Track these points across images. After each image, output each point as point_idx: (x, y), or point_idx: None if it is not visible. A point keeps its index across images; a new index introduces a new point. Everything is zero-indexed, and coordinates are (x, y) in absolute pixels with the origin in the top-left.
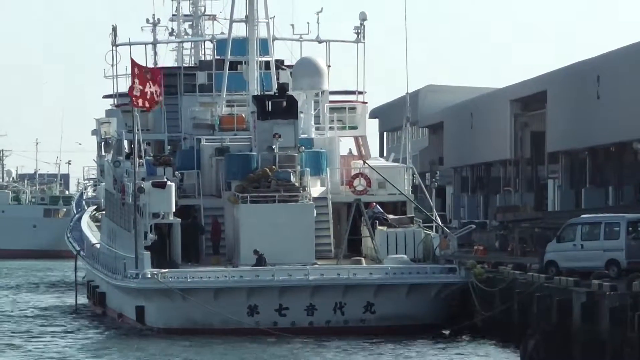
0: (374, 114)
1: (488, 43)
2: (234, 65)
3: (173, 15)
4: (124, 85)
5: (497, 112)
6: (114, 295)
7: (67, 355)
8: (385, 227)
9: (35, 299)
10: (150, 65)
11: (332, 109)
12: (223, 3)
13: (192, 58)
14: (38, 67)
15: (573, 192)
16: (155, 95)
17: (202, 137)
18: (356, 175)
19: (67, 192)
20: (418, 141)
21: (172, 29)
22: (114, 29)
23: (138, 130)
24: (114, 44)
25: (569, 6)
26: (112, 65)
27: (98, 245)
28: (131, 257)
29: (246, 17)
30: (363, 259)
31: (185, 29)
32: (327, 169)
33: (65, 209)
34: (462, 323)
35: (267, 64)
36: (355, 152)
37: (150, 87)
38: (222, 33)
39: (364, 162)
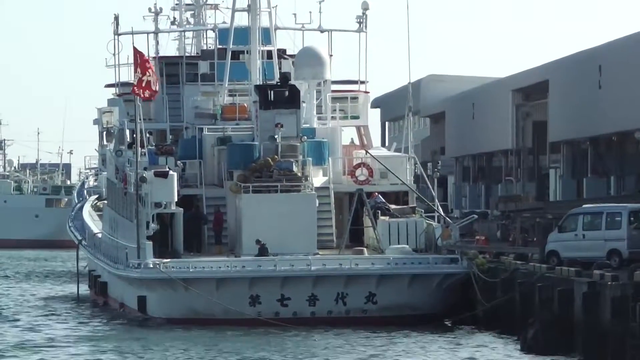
0: (376, 104)
1: (490, 32)
2: (236, 55)
3: (175, 4)
4: (125, 75)
5: (499, 102)
6: (116, 285)
7: (68, 344)
8: (387, 217)
9: (37, 288)
10: (152, 54)
11: (334, 99)
12: None
13: (194, 47)
14: (40, 56)
15: (575, 182)
16: (152, 85)
17: (204, 126)
18: (358, 165)
19: (69, 182)
20: (420, 131)
21: (174, 18)
22: (116, 18)
23: (140, 119)
24: (116, 33)
25: None
26: (114, 54)
27: (100, 235)
28: (133, 247)
29: (248, 6)
30: (365, 249)
31: (187, 18)
32: (329, 158)
33: (67, 199)
34: (464, 313)
35: (270, 53)
36: (357, 142)
37: (149, 75)
38: (224, 22)
39: (366, 151)
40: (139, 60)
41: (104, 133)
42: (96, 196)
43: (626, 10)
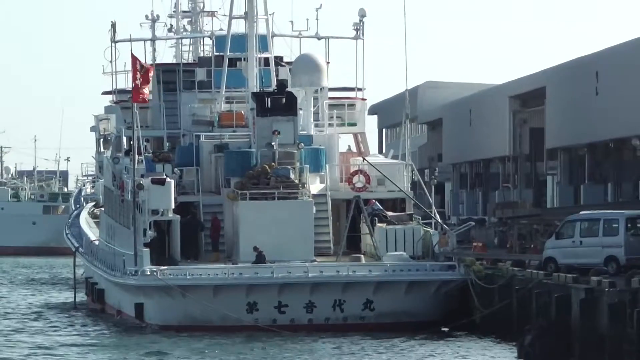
0: (373, 111)
1: (487, 39)
2: (233, 62)
3: (172, 11)
4: (123, 82)
5: (496, 109)
6: (113, 292)
7: (65, 351)
8: (385, 224)
9: (34, 295)
10: (149, 61)
11: (331, 106)
12: None
13: (191, 54)
14: (37, 63)
15: (572, 188)
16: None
17: (201, 133)
18: (355, 172)
19: (66, 189)
20: (417, 137)
21: (171, 26)
22: (113, 26)
23: (137, 126)
24: (113, 41)
25: (568, 2)
26: (111, 61)
27: (97, 242)
28: (130, 254)
29: (245, 13)
30: (362, 256)
31: (184, 26)
32: (327, 165)
33: (64, 206)
34: (461, 320)
35: (267, 60)
36: (354, 149)
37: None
38: (221, 29)
39: (363, 158)
40: (142, 70)
41: (101, 140)
42: (93, 203)
43: (623, 16)
